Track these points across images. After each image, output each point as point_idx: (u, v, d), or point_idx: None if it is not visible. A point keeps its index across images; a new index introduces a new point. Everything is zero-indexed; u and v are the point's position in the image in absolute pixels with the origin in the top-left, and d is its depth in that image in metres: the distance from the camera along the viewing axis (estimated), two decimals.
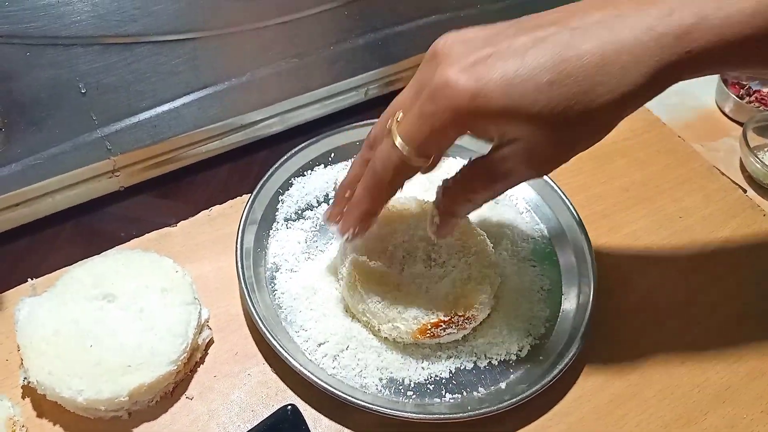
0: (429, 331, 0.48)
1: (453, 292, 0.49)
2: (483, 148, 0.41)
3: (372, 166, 0.41)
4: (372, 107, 0.67)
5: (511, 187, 0.42)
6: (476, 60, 0.36)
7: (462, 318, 0.48)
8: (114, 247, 0.56)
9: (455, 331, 0.49)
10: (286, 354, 0.47)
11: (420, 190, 0.56)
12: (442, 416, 0.46)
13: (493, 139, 0.39)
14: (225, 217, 0.59)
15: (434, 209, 0.44)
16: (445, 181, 0.43)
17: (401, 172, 0.40)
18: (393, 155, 0.39)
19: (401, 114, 0.39)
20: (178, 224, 0.58)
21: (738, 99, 0.73)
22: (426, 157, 0.39)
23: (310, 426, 0.44)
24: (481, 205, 0.43)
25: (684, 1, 0.36)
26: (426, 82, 0.38)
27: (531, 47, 0.36)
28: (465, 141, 0.57)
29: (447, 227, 0.45)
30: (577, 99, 0.35)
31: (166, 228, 0.58)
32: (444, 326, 0.48)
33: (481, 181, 0.41)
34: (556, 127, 0.37)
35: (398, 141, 0.39)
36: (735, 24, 0.35)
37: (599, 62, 0.35)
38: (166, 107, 0.55)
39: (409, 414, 0.46)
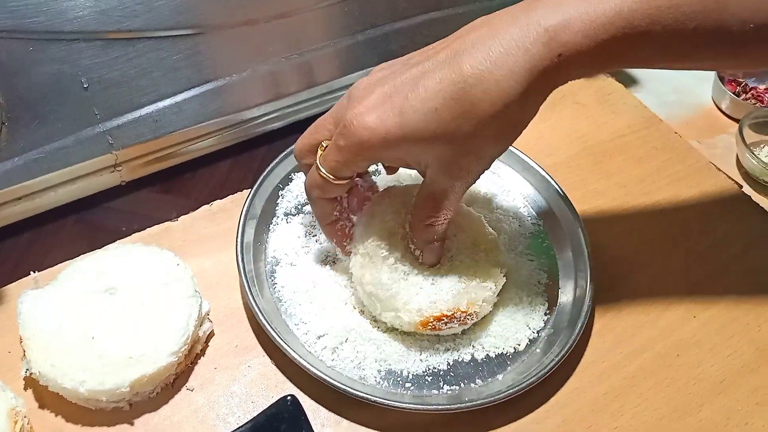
0: (431, 324, 0.48)
1: (458, 287, 0.50)
2: None
3: (307, 188, 0.48)
4: None
5: (458, 201, 0.47)
6: (377, 100, 0.42)
7: (464, 314, 0.49)
8: (115, 241, 0.56)
9: (456, 325, 0.49)
10: (285, 346, 0.48)
11: None
12: (440, 407, 0.47)
13: (408, 164, 0.45)
14: (225, 212, 0.59)
15: (382, 252, 0.50)
16: (408, 218, 0.49)
17: (327, 190, 0.47)
18: (318, 178, 0.46)
19: (324, 143, 0.46)
20: (178, 219, 0.59)
21: (734, 96, 0.73)
22: (344, 179, 0.46)
23: (309, 417, 0.45)
24: (444, 225, 0.47)
25: (550, 10, 0.39)
26: (340, 119, 0.44)
27: (419, 80, 0.41)
28: None
29: (430, 254, 0.50)
30: (463, 117, 0.40)
31: (167, 222, 0.58)
32: (446, 320, 0.48)
33: (428, 207, 0.47)
34: (456, 143, 0.41)
35: (321, 167, 0.45)
36: (599, 26, 0.38)
37: (475, 82, 0.39)
38: (167, 102, 0.56)
39: (407, 405, 0.46)
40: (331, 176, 0.45)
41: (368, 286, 0.49)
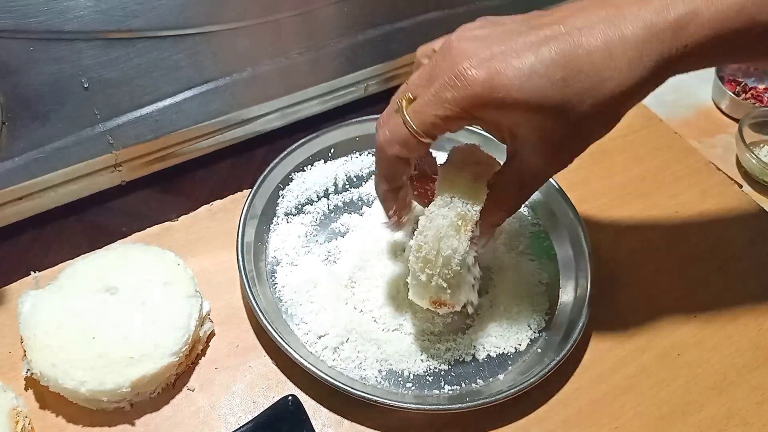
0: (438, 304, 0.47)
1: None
2: None
3: (379, 145, 0.43)
4: (372, 103, 0.68)
5: (536, 189, 0.45)
6: (492, 54, 0.38)
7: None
8: (116, 241, 0.56)
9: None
10: (286, 346, 0.48)
11: None
12: (441, 407, 0.47)
13: (503, 135, 0.42)
14: (226, 212, 0.59)
15: (472, 226, 0.45)
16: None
17: (411, 148, 0.42)
18: (401, 131, 0.41)
19: (410, 95, 0.41)
20: (179, 219, 0.59)
21: (734, 96, 0.73)
22: (431, 138, 0.41)
23: (310, 417, 0.45)
24: (514, 212, 0.46)
25: None
26: (440, 72, 0.40)
27: (543, 45, 0.38)
28: None
29: (485, 240, 0.47)
30: (588, 93, 0.38)
31: (167, 222, 0.58)
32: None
33: (513, 189, 0.44)
34: (571, 120, 0.39)
35: (408, 119, 0.41)
36: (724, 19, 0.38)
37: (607, 58, 0.38)
38: (167, 102, 0.55)
39: (409, 405, 0.46)
40: (422, 132, 0.41)
41: (447, 251, 0.44)
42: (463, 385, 0.50)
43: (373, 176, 0.47)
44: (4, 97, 0.49)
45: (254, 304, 0.49)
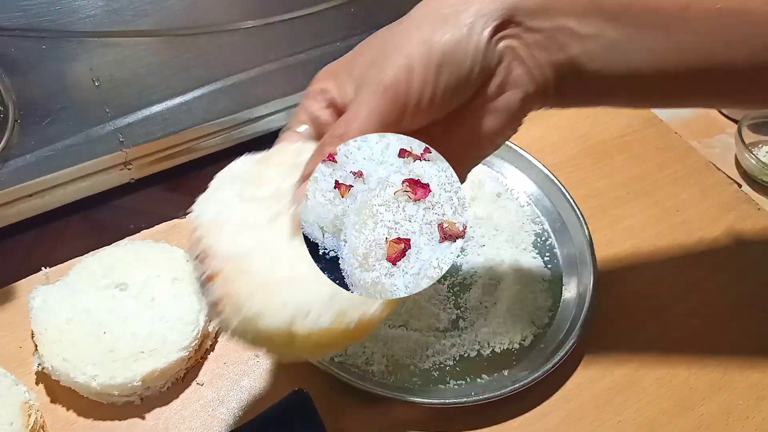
0: None
1: None
2: None
3: None
4: None
5: None
6: None
7: None
8: (123, 238, 0.57)
9: None
10: None
11: None
12: (446, 402, 0.48)
13: None
14: None
15: None
16: None
17: None
18: None
19: None
20: (187, 216, 0.59)
21: None
22: None
23: (318, 410, 0.45)
24: None
25: None
26: None
27: None
28: None
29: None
30: None
31: (175, 220, 0.59)
32: None
33: None
34: None
35: None
36: None
37: None
38: (177, 100, 0.56)
39: (415, 399, 0.47)
40: None
41: None
42: (468, 380, 0.50)
43: None
44: (16, 95, 0.50)
45: None
